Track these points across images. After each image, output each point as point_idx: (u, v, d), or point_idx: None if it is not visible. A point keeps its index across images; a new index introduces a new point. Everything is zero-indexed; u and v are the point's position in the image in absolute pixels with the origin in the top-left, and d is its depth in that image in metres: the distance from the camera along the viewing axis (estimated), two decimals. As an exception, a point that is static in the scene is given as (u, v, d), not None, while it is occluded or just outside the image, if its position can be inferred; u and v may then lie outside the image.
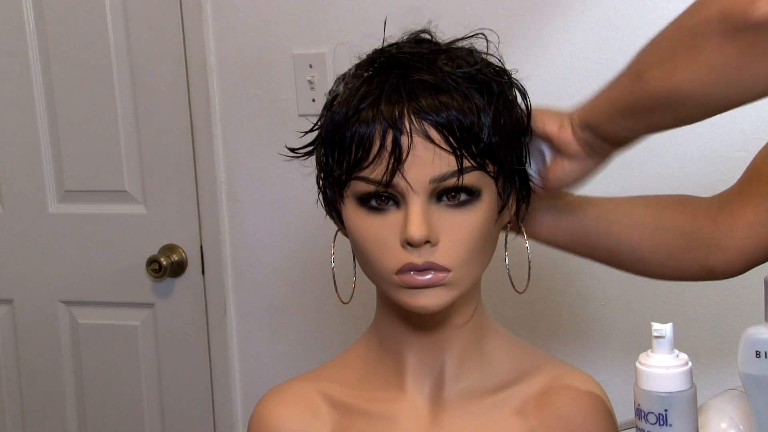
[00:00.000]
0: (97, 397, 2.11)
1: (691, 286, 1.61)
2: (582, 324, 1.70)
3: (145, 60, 1.93)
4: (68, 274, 2.08)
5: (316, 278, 1.88)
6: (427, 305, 0.91)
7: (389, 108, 0.88)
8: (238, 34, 1.86)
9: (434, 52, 0.93)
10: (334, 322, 1.88)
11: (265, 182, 1.88)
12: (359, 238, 0.92)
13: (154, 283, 2.01)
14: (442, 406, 0.99)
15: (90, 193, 2.03)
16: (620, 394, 1.18)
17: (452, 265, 0.90)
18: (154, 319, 2.04)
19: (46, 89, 2.01)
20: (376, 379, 1.01)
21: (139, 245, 2.00)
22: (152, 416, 2.08)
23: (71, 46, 1.97)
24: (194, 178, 1.94)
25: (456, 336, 0.99)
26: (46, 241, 2.08)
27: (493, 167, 0.91)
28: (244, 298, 1.97)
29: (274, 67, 1.84)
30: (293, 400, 1.02)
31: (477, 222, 0.90)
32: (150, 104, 1.95)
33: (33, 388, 2.16)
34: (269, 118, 1.86)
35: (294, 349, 1.94)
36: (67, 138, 2.01)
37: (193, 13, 1.88)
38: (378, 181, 0.88)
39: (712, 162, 1.58)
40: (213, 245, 1.95)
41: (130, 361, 2.07)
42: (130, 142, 1.97)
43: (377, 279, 0.94)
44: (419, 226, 0.87)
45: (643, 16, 1.58)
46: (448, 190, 0.89)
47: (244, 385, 2.00)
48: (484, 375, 0.99)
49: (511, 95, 0.95)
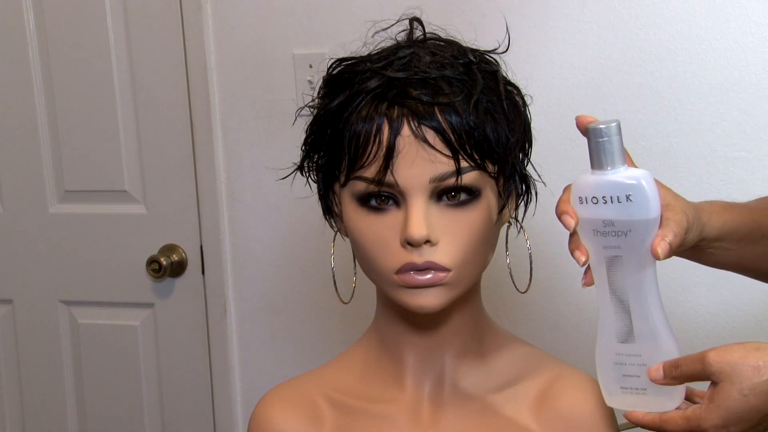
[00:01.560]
0: (97, 397, 2.11)
1: (691, 286, 1.61)
2: (582, 324, 1.70)
3: (145, 60, 1.93)
4: (68, 274, 2.08)
5: (316, 278, 1.88)
6: (427, 305, 0.91)
7: (388, 107, 0.88)
8: (238, 34, 1.86)
9: (433, 52, 0.93)
10: (334, 322, 1.88)
11: (265, 182, 1.88)
12: (359, 238, 0.92)
13: (154, 283, 2.01)
14: (442, 406, 0.99)
15: (90, 193, 2.03)
16: (620, 394, 1.18)
17: (452, 265, 0.90)
18: (154, 319, 2.04)
19: (46, 89, 2.01)
20: (376, 379, 1.01)
21: (139, 245, 2.00)
22: (152, 416, 2.08)
23: (71, 46, 1.97)
24: (194, 178, 1.94)
25: (456, 336, 0.99)
26: (46, 241, 2.08)
27: (493, 167, 0.91)
28: (244, 298, 1.97)
29: (274, 67, 1.84)
30: (293, 400, 1.02)
31: (477, 222, 0.91)
32: (150, 104, 1.95)
33: (33, 388, 2.16)
34: (269, 118, 1.86)
35: (294, 349, 1.94)
36: (67, 138, 2.01)
37: (193, 13, 1.88)
38: (373, 179, 0.88)
39: (712, 162, 1.58)
40: (213, 245, 1.95)
41: (130, 361, 2.07)
42: (130, 142, 1.97)
43: (377, 279, 0.94)
44: (419, 225, 0.87)
45: (643, 16, 1.58)
46: (448, 189, 0.89)
47: (244, 385, 2.00)
48: (484, 375, 0.99)
49: (510, 96, 0.95)
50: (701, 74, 1.57)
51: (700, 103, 1.58)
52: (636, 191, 0.83)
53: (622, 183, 0.83)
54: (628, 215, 0.83)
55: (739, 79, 1.55)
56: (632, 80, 1.60)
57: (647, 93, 1.60)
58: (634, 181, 0.83)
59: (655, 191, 0.84)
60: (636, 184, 0.83)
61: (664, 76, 1.59)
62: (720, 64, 1.56)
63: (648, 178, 0.84)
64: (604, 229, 0.84)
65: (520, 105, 0.96)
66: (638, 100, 1.61)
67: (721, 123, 1.57)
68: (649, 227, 0.83)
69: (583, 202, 0.85)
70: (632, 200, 0.83)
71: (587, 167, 0.87)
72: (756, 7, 1.53)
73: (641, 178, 0.83)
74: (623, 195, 0.83)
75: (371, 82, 0.90)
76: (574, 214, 0.86)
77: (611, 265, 0.86)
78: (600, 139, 0.84)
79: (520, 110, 0.96)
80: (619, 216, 0.83)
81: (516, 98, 0.96)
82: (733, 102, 1.56)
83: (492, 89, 0.92)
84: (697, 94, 1.58)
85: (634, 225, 0.83)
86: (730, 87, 1.56)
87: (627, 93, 1.61)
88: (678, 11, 1.56)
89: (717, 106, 1.57)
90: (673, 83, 1.59)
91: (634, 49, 1.60)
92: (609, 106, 1.62)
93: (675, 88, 1.59)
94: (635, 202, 0.83)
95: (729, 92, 1.56)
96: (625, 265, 0.86)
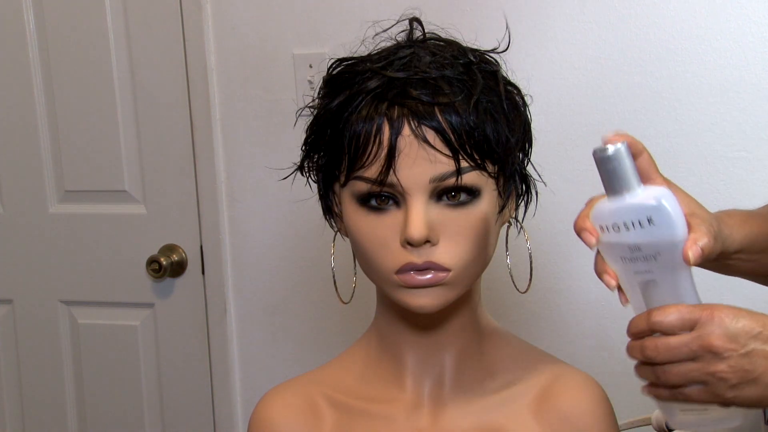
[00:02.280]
0: (97, 397, 2.11)
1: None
2: (582, 324, 1.70)
3: (145, 60, 1.93)
4: (68, 274, 2.08)
5: (316, 278, 1.88)
6: (427, 305, 0.91)
7: (388, 107, 0.88)
8: (238, 34, 1.86)
9: (433, 52, 0.93)
10: (334, 322, 1.88)
11: (265, 182, 1.88)
12: (359, 238, 0.92)
13: (154, 283, 2.01)
14: (442, 406, 0.99)
15: (90, 193, 2.03)
16: (620, 394, 1.18)
17: (452, 265, 0.90)
18: (154, 319, 2.04)
19: (46, 89, 2.01)
20: (376, 379, 1.01)
21: (139, 245, 2.00)
22: (152, 416, 2.08)
23: (71, 46, 1.97)
24: (194, 178, 1.94)
25: (456, 336, 0.99)
26: (46, 241, 2.08)
27: (493, 167, 0.91)
28: (244, 298, 1.97)
29: (274, 67, 1.84)
30: (293, 400, 1.02)
31: (477, 222, 0.90)
32: (150, 104, 1.95)
33: (33, 388, 2.16)
34: (269, 118, 1.86)
35: (294, 349, 1.94)
36: (67, 138, 2.01)
37: (193, 13, 1.88)
38: (374, 179, 0.88)
39: (712, 162, 1.59)
40: (213, 245, 1.95)
41: (130, 361, 2.07)
42: (130, 142, 1.97)
43: (377, 279, 0.94)
44: (419, 225, 0.87)
45: (643, 16, 1.58)
46: (448, 189, 0.89)
47: (244, 385, 2.00)
48: (484, 375, 0.99)
49: (510, 96, 0.95)
50: (701, 74, 1.57)
51: (700, 103, 1.58)
52: (656, 213, 0.78)
53: (640, 206, 0.79)
54: (654, 237, 0.79)
55: (739, 79, 1.55)
56: (632, 80, 1.60)
57: (647, 93, 1.60)
58: (654, 202, 0.79)
59: (678, 209, 0.79)
60: (656, 206, 0.78)
61: (664, 76, 1.59)
62: (720, 64, 1.56)
63: (668, 197, 0.79)
64: (631, 255, 0.80)
65: (520, 105, 0.96)
66: (638, 100, 1.61)
67: (721, 123, 1.57)
68: (678, 247, 0.79)
69: (604, 230, 0.81)
70: (654, 223, 0.78)
71: (588, 167, 0.87)
72: (756, 7, 1.53)
73: (660, 197, 0.79)
74: (644, 218, 0.78)
75: (371, 82, 0.90)
76: (593, 230, 0.82)
77: (646, 290, 0.82)
78: (608, 165, 0.79)
79: (520, 110, 0.96)
80: (644, 240, 0.79)
81: (516, 98, 0.95)
82: (733, 102, 1.56)
83: (492, 89, 0.92)
84: (697, 94, 1.58)
85: (662, 247, 0.79)
86: (730, 87, 1.56)
87: (627, 93, 1.61)
88: (678, 11, 1.56)
89: (717, 106, 1.57)
90: (673, 83, 1.59)
91: (634, 49, 1.60)
92: (609, 106, 1.62)
93: (675, 88, 1.59)
94: (658, 224, 0.78)
95: (729, 92, 1.56)
96: (661, 286, 0.82)
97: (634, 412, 1.32)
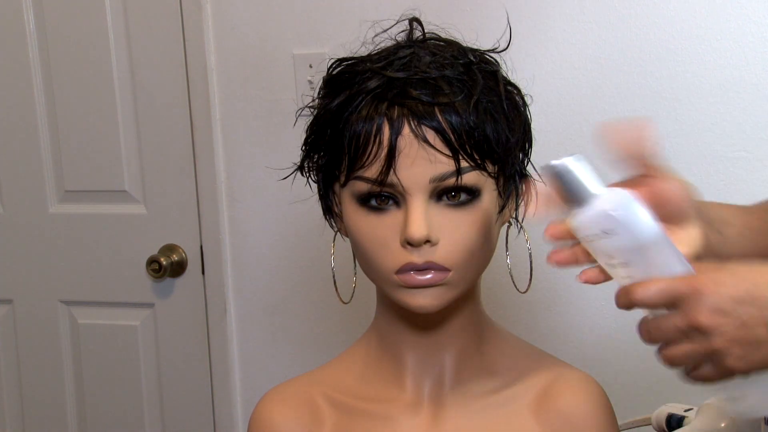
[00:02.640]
0: (97, 397, 2.11)
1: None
2: (582, 324, 1.70)
3: (145, 60, 1.93)
4: (68, 274, 2.08)
5: (316, 278, 1.88)
6: (427, 305, 0.91)
7: (388, 107, 0.88)
8: (238, 34, 1.86)
9: (433, 52, 0.93)
10: (334, 322, 1.88)
11: (265, 182, 1.88)
12: (359, 238, 0.92)
13: (154, 283, 2.01)
14: (442, 406, 0.99)
15: (90, 193, 2.03)
16: (620, 394, 1.18)
17: (452, 265, 0.90)
18: (154, 319, 2.04)
19: (46, 89, 2.01)
20: (376, 379, 1.01)
21: (139, 245, 2.00)
22: (152, 416, 2.08)
23: (71, 46, 1.97)
24: (194, 178, 1.94)
25: (456, 336, 0.99)
26: (46, 241, 2.08)
27: (493, 167, 0.91)
28: (244, 298, 1.97)
29: (274, 67, 1.84)
30: (293, 400, 1.02)
31: (477, 222, 0.91)
32: (150, 104, 1.95)
33: (33, 388, 2.16)
34: (269, 118, 1.86)
35: (294, 349, 1.94)
36: (67, 138, 2.01)
37: (193, 13, 1.88)
38: (374, 179, 0.88)
39: (712, 162, 1.59)
40: (213, 245, 1.95)
41: (130, 361, 2.07)
42: (130, 142, 1.97)
43: (377, 279, 0.94)
44: (419, 225, 0.87)
45: (643, 16, 1.58)
46: (448, 189, 0.89)
47: (244, 385, 2.00)
48: (484, 375, 0.99)
49: (510, 96, 0.95)
50: (701, 74, 1.57)
51: (700, 103, 1.58)
52: (612, 222, 0.77)
53: (597, 217, 0.77)
54: (625, 242, 0.77)
55: (739, 79, 1.55)
56: (632, 80, 1.60)
57: (647, 93, 1.60)
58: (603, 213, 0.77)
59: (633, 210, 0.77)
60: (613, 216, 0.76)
61: (664, 76, 1.59)
62: (720, 64, 1.56)
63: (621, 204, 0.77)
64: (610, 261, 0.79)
65: (520, 105, 0.96)
66: (638, 100, 1.61)
67: (721, 123, 1.57)
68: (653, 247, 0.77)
69: (583, 241, 0.80)
70: (618, 231, 0.76)
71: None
72: (756, 7, 1.53)
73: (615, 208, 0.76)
74: (607, 227, 0.77)
75: (371, 82, 0.90)
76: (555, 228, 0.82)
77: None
78: (560, 180, 0.78)
79: (520, 110, 0.96)
80: (618, 246, 0.78)
81: (516, 98, 0.95)
82: (733, 102, 1.56)
83: (492, 89, 0.92)
84: (697, 94, 1.58)
85: (638, 250, 0.77)
86: (730, 87, 1.56)
87: (627, 93, 1.61)
88: (678, 11, 1.56)
89: (717, 106, 1.57)
90: (673, 83, 1.59)
91: (634, 49, 1.60)
92: (609, 106, 1.62)
93: (675, 88, 1.59)
94: (622, 233, 0.77)
95: (729, 92, 1.56)
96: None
97: (634, 412, 1.32)
